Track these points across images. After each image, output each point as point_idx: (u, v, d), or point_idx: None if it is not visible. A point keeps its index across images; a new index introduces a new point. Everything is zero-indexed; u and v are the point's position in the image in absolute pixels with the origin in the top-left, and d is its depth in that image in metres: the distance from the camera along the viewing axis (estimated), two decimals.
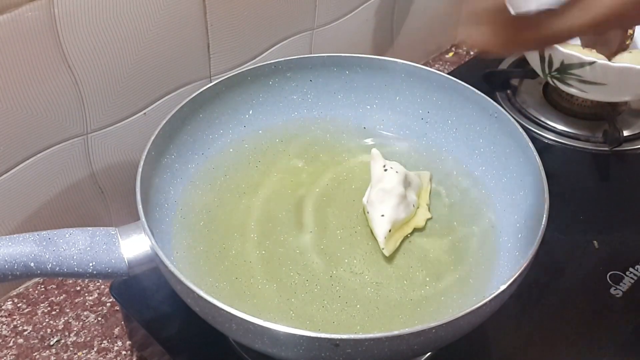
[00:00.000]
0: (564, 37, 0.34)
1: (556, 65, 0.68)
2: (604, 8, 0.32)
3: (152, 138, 0.51)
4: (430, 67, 0.64)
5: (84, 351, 0.58)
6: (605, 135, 0.72)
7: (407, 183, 0.53)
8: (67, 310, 0.61)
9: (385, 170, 0.53)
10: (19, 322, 0.60)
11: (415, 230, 0.53)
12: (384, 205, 0.51)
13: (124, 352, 0.58)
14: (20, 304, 0.61)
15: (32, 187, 0.57)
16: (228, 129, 0.58)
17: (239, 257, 0.50)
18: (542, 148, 0.70)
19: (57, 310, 0.61)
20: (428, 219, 0.54)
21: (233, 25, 0.63)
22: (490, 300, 0.41)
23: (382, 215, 0.51)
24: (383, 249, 0.50)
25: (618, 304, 0.57)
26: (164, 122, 0.52)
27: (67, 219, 0.62)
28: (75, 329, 0.59)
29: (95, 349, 0.58)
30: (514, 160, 0.54)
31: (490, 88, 0.78)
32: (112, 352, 0.58)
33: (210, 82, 0.58)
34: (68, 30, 0.51)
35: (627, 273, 0.59)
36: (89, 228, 0.45)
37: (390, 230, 0.51)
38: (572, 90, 0.70)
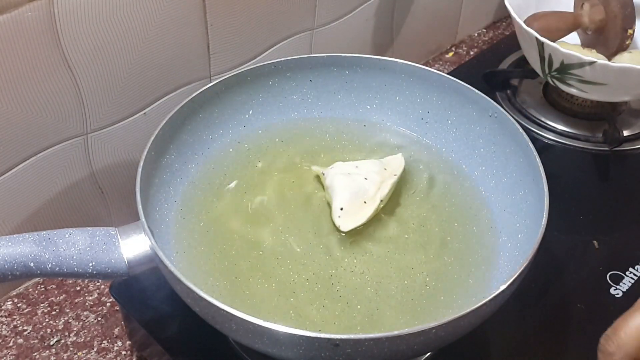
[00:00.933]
0: None
1: (556, 65, 0.68)
2: None
3: (152, 138, 0.51)
4: (430, 67, 0.64)
5: (84, 351, 0.58)
6: (605, 135, 0.72)
7: (350, 170, 0.54)
8: (67, 310, 0.61)
9: (324, 174, 0.55)
10: (19, 322, 0.60)
11: (415, 230, 0.53)
12: (335, 198, 0.53)
13: (124, 352, 0.58)
14: (20, 304, 0.61)
15: (32, 187, 0.58)
16: (228, 129, 0.58)
17: (238, 257, 0.50)
18: (542, 148, 0.71)
19: (57, 310, 0.61)
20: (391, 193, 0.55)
21: (233, 25, 0.63)
22: (490, 300, 0.41)
23: (336, 208, 0.52)
24: (339, 226, 0.51)
25: (618, 304, 0.57)
26: (164, 122, 0.52)
27: (67, 219, 0.62)
28: (75, 329, 0.59)
29: (95, 349, 0.58)
30: (514, 160, 0.54)
31: (490, 88, 0.78)
32: (112, 352, 0.58)
33: (210, 82, 0.58)
34: (68, 30, 0.52)
35: (627, 273, 0.59)
36: (89, 228, 0.45)
37: (342, 209, 0.52)
38: (572, 90, 0.70)
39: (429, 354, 0.52)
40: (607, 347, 0.36)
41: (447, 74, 0.59)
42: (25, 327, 0.59)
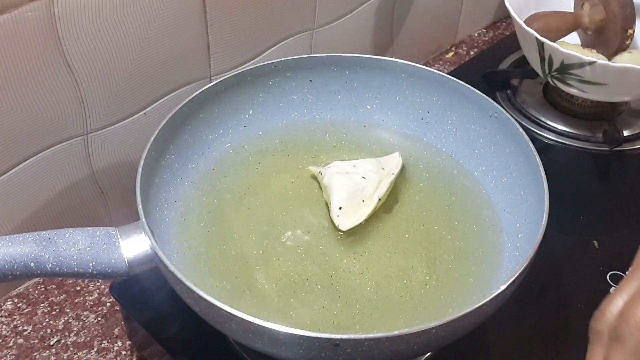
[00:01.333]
0: None
1: (556, 65, 0.68)
2: None
3: (152, 138, 0.51)
4: (430, 67, 0.64)
5: (84, 351, 0.58)
6: (605, 135, 0.72)
7: (348, 169, 0.54)
8: (67, 310, 0.61)
9: (322, 174, 0.55)
10: (19, 322, 0.60)
11: (415, 229, 0.53)
12: (333, 198, 0.53)
13: (124, 352, 0.58)
14: (20, 304, 0.61)
15: (32, 187, 0.58)
16: (228, 129, 0.58)
17: (238, 258, 0.50)
18: (542, 148, 0.71)
19: (57, 310, 0.61)
20: (389, 191, 0.55)
21: (233, 25, 0.63)
22: (490, 300, 0.41)
23: (335, 207, 0.52)
24: (338, 225, 0.51)
25: None
26: (164, 122, 0.52)
27: (67, 219, 0.62)
28: (75, 329, 0.59)
29: (95, 349, 0.58)
30: (514, 160, 0.54)
31: (490, 88, 0.78)
32: (112, 352, 0.58)
33: (210, 82, 0.58)
34: (68, 30, 0.52)
35: (627, 273, 0.59)
36: (89, 228, 0.45)
37: (340, 208, 0.52)
38: (572, 90, 0.70)
39: (429, 354, 0.52)
40: (595, 326, 0.38)
41: (447, 74, 0.59)
42: (25, 327, 0.59)
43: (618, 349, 0.36)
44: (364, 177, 0.53)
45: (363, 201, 0.52)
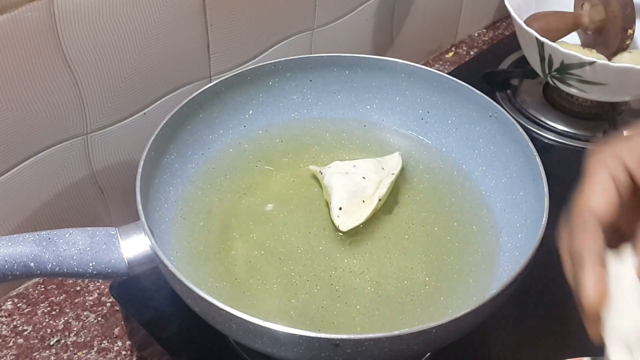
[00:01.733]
0: None
1: (556, 65, 0.68)
2: None
3: (152, 138, 0.51)
4: (430, 67, 0.64)
5: (84, 351, 0.58)
6: (605, 135, 0.72)
7: (348, 169, 0.54)
8: (67, 310, 0.61)
9: (322, 174, 0.55)
10: (19, 322, 0.60)
11: (415, 229, 0.53)
12: (333, 198, 0.53)
13: (124, 352, 0.58)
14: (20, 304, 0.61)
15: (32, 187, 0.58)
16: (228, 129, 0.59)
17: (239, 257, 0.50)
18: (542, 148, 0.70)
19: (57, 310, 0.61)
20: (390, 191, 0.55)
21: (233, 24, 0.63)
22: (490, 300, 0.41)
23: (335, 207, 0.52)
24: (338, 226, 0.51)
25: None
26: (164, 122, 0.52)
27: (67, 219, 0.62)
28: (75, 329, 0.59)
29: (95, 349, 0.58)
30: (514, 160, 0.54)
31: (490, 88, 0.78)
32: (112, 352, 0.58)
33: (210, 82, 0.58)
34: (68, 30, 0.52)
35: None
36: (89, 228, 0.45)
37: (340, 208, 0.52)
38: (572, 90, 0.70)
39: (429, 353, 0.52)
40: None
41: (447, 74, 0.59)
42: (25, 327, 0.59)
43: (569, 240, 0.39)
44: (364, 177, 0.53)
45: (363, 201, 0.52)
